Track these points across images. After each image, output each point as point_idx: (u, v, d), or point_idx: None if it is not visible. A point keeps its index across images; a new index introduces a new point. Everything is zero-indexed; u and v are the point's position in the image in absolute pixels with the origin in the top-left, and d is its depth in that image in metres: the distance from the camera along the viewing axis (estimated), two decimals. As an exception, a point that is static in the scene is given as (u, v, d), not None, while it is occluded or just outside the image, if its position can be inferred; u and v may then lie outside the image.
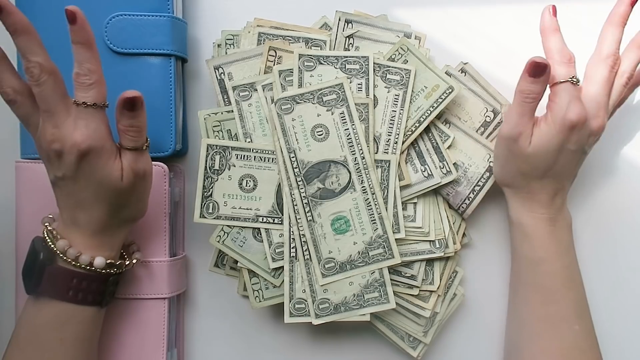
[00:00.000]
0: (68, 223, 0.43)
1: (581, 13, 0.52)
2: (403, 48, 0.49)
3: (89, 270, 0.42)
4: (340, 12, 0.50)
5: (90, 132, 0.40)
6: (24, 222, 0.49)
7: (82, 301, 0.42)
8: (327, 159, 0.48)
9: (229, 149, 0.48)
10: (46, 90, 0.39)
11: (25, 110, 0.41)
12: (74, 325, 0.43)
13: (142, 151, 0.43)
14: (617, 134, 0.52)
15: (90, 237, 0.43)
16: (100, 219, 0.42)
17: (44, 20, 0.47)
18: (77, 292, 0.42)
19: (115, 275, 0.44)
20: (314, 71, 0.48)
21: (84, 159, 0.40)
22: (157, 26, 0.48)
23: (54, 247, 0.42)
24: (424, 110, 0.49)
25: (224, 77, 0.50)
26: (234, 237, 0.49)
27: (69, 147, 0.40)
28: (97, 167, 0.41)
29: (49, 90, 0.39)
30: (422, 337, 0.50)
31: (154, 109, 0.49)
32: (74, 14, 0.38)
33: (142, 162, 0.43)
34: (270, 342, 0.53)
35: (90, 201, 0.42)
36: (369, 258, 0.48)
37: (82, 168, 0.40)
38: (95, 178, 0.41)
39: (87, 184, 0.41)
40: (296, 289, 0.48)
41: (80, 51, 0.39)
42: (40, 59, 0.39)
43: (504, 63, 0.52)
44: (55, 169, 0.41)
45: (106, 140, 0.41)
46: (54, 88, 0.39)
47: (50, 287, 0.42)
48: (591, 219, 0.52)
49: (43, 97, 0.39)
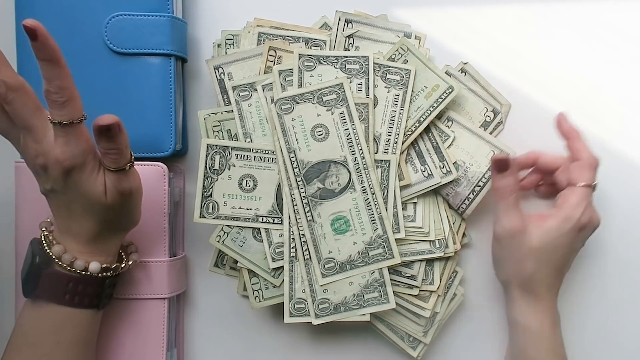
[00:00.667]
0: (62, 231, 0.42)
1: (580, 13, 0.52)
2: (403, 48, 0.49)
3: (85, 274, 0.42)
4: (340, 12, 0.50)
5: (70, 149, 0.38)
6: (23, 223, 0.49)
7: (78, 304, 0.42)
8: (327, 159, 0.48)
9: (228, 149, 0.48)
10: (16, 107, 0.38)
11: (2, 125, 0.40)
12: (70, 329, 0.42)
13: (126, 171, 0.41)
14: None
15: (84, 245, 0.42)
16: (91, 229, 0.42)
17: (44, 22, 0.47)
18: (74, 295, 0.42)
19: (112, 278, 0.44)
20: (314, 71, 0.48)
21: (69, 174, 0.39)
22: (157, 26, 0.48)
23: (50, 252, 0.41)
24: (424, 110, 0.49)
25: (224, 77, 0.50)
26: (234, 237, 0.49)
27: (52, 163, 0.38)
28: (80, 181, 0.39)
29: (19, 107, 0.38)
30: (422, 337, 0.50)
31: (154, 109, 0.49)
32: (33, 30, 0.34)
33: (127, 181, 0.41)
34: (270, 342, 0.53)
35: (80, 213, 0.41)
36: (369, 258, 0.48)
37: (67, 182, 0.39)
38: (80, 192, 0.40)
39: (74, 197, 0.40)
40: (296, 289, 0.48)
41: (46, 68, 0.36)
42: (4, 76, 0.37)
43: (504, 63, 0.52)
44: (44, 182, 0.40)
45: (88, 154, 0.39)
46: (24, 104, 0.38)
47: (46, 290, 0.41)
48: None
49: (15, 114, 0.38)
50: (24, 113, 0.38)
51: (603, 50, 0.52)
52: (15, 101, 0.37)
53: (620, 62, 0.52)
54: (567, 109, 0.51)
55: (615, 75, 0.52)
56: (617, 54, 0.52)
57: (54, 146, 0.38)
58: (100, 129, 0.37)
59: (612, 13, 0.52)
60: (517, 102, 0.52)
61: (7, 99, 0.37)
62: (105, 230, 0.42)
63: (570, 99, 0.52)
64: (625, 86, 0.52)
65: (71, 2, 0.48)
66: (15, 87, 0.37)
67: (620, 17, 0.52)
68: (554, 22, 0.52)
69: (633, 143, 0.52)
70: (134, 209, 0.43)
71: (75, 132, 0.38)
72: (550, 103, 0.52)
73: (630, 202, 0.52)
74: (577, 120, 0.47)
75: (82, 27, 0.48)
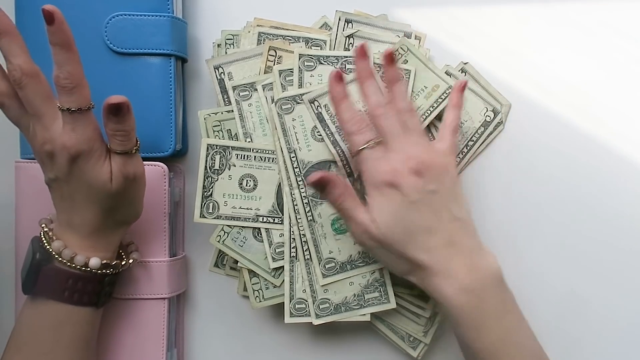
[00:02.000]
0: (64, 224, 0.43)
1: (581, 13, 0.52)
2: (403, 48, 0.49)
3: (84, 270, 0.42)
4: (340, 11, 0.50)
5: (78, 136, 0.39)
6: (23, 222, 0.49)
7: (77, 302, 0.42)
8: (328, 159, 0.48)
9: (229, 148, 0.48)
10: (29, 94, 0.39)
11: (15, 112, 0.41)
12: (70, 326, 0.42)
13: (132, 154, 0.42)
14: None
15: (85, 239, 0.42)
16: (93, 221, 0.42)
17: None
18: (73, 292, 0.42)
19: (112, 276, 0.44)
20: (314, 71, 0.48)
21: (74, 161, 0.40)
22: (157, 26, 0.48)
23: (49, 248, 0.42)
24: (424, 110, 0.49)
25: (224, 77, 0.50)
26: (234, 237, 0.49)
27: (59, 150, 0.39)
28: (86, 169, 0.40)
29: (32, 93, 0.39)
30: (422, 337, 0.50)
31: (154, 109, 0.49)
32: (51, 14, 0.36)
33: (132, 165, 0.42)
34: (271, 342, 0.53)
35: (83, 203, 0.41)
36: (369, 258, 0.48)
37: (72, 170, 0.40)
38: (85, 180, 0.40)
39: (78, 186, 0.41)
40: (296, 289, 0.48)
41: (59, 53, 0.38)
42: (21, 62, 0.38)
43: (504, 63, 0.52)
44: (49, 171, 0.41)
45: (94, 142, 0.40)
46: (36, 91, 0.39)
47: (45, 287, 0.42)
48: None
49: (27, 100, 0.39)
50: (35, 99, 0.39)
51: (603, 50, 0.52)
52: (29, 87, 0.39)
53: (620, 62, 0.52)
54: (567, 109, 0.51)
55: (615, 75, 0.52)
56: (617, 54, 0.52)
57: (62, 133, 0.39)
58: (110, 107, 0.38)
59: (612, 13, 0.52)
60: (517, 102, 0.52)
61: (22, 83, 0.39)
62: (107, 221, 0.43)
63: (570, 99, 0.52)
64: (626, 86, 0.52)
65: (71, 2, 0.48)
66: (30, 74, 0.39)
67: (620, 17, 0.52)
68: (553, 22, 0.52)
69: (633, 143, 0.52)
70: (136, 197, 0.44)
71: (83, 120, 0.39)
72: (550, 103, 0.52)
73: (631, 202, 0.52)
74: (577, 120, 0.47)
75: (82, 27, 0.48)
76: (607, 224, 0.52)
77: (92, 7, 0.48)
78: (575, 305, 0.51)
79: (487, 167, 0.52)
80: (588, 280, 0.51)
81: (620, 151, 0.52)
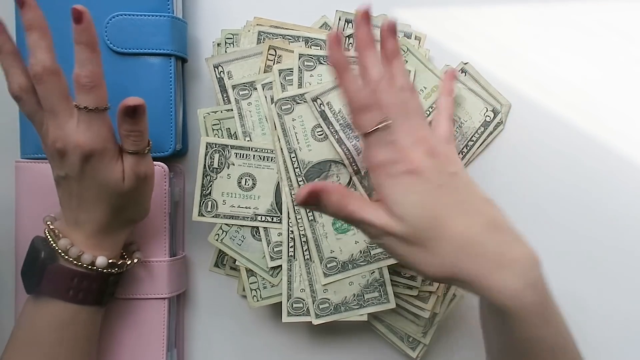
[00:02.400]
0: (70, 222, 0.43)
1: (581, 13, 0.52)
2: (403, 48, 0.49)
3: (90, 269, 0.42)
4: (340, 11, 0.50)
5: (92, 135, 0.40)
6: (23, 222, 0.49)
7: (82, 301, 0.42)
8: (328, 159, 0.48)
9: (228, 147, 0.48)
10: (47, 90, 0.39)
11: (30, 107, 0.41)
12: (73, 326, 0.42)
13: (144, 154, 0.43)
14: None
15: (91, 237, 0.43)
16: (101, 219, 0.42)
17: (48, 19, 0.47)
18: (78, 292, 0.42)
19: (116, 275, 0.44)
20: (314, 71, 0.48)
21: (87, 160, 0.40)
22: (157, 26, 0.48)
23: (56, 246, 0.42)
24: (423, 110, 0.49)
25: (223, 76, 0.50)
26: (233, 236, 0.49)
27: (72, 148, 0.40)
28: (99, 168, 0.41)
29: (50, 90, 0.39)
30: (421, 337, 0.50)
31: (154, 109, 0.49)
32: (80, 14, 0.38)
33: (144, 165, 0.43)
34: (271, 342, 0.53)
35: (92, 202, 0.42)
36: (371, 257, 0.48)
37: (84, 169, 0.41)
38: (97, 179, 0.41)
39: (89, 185, 0.41)
40: (294, 288, 0.48)
41: (83, 52, 0.39)
42: (45, 57, 0.39)
43: (504, 63, 0.52)
44: (59, 168, 0.41)
45: (108, 142, 0.41)
46: (54, 88, 0.39)
47: (50, 286, 0.42)
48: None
49: (45, 97, 0.40)
50: (53, 96, 0.39)
51: (603, 51, 0.52)
52: (48, 83, 0.39)
53: (620, 62, 0.52)
54: (567, 109, 0.51)
55: (615, 76, 0.52)
56: (617, 54, 0.52)
57: (76, 131, 0.40)
58: (127, 109, 0.39)
59: (612, 13, 0.52)
60: (517, 102, 0.52)
61: (42, 79, 0.39)
62: (114, 220, 0.43)
63: (570, 99, 0.52)
64: (626, 86, 0.52)
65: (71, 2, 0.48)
66: (52, 71, 0.39)
67: (620, 17, 0.52)
68: (553, 22, 0.52)
69: (633, 143, 0.52)
70: (145, 196, 0.44)
71: (98, 119, 0.40)
72: (550, 103, 0.52)
73: (631, 202, 0.52)
74: (577, 120, 0.47)
75: (83, 26, 0.48)
76: (607, 224, 0.51)
77: (92, 7, 0.47)
78: (575, 305, 0.51)
79: (487, 167, 0.52)
80: (588, 280, 0.51)
81: (620, 151, 0.52)
